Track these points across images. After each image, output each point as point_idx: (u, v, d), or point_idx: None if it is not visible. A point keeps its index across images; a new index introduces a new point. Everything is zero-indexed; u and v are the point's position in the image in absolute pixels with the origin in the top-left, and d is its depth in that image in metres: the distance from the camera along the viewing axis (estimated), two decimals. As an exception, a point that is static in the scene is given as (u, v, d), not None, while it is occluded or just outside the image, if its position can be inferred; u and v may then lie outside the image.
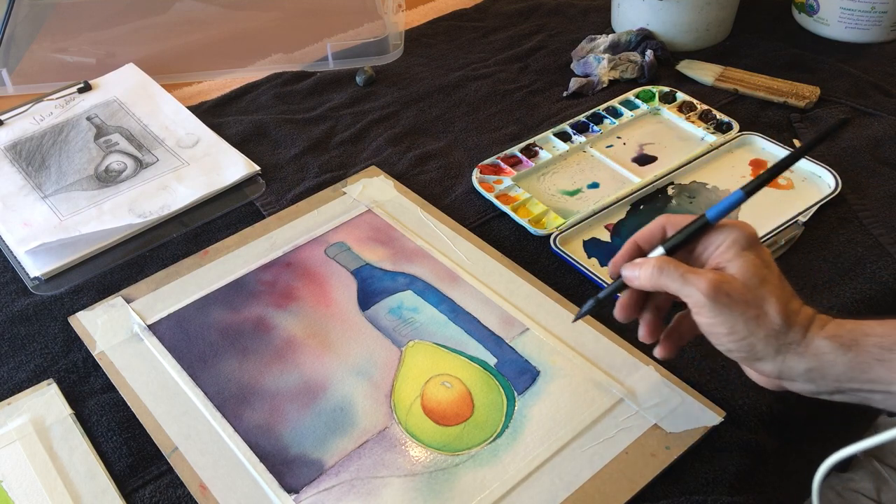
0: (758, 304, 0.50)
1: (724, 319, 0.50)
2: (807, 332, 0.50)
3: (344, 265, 0.72)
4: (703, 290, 0.50)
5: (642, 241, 0.55)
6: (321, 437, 0.58)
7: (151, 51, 1.03)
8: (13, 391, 0.63)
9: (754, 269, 0.51)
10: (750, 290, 0.50)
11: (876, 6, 0.97)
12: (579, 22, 1.09)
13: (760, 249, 0.52)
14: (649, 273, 0.52)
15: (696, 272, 0.51)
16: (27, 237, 0.76)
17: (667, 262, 0.52)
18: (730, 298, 0.49)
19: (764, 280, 0.50)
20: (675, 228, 0.54)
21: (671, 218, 0.55)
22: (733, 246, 0.51)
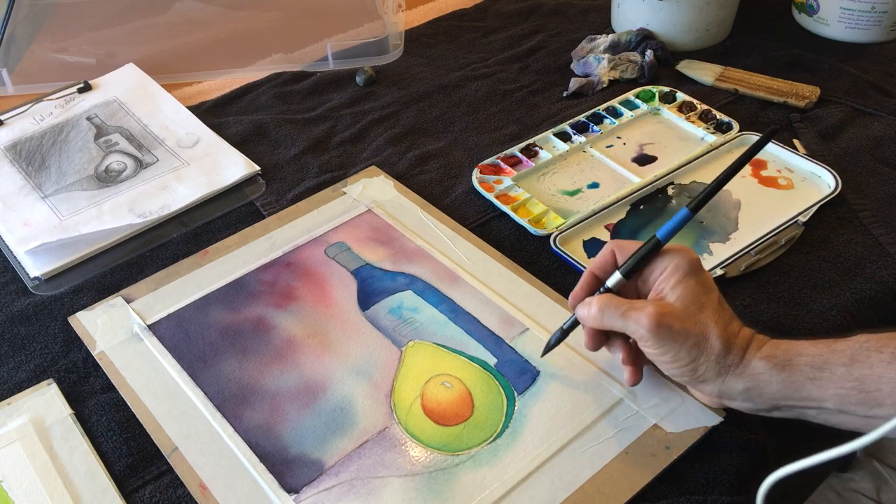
0: (698, 331, 0.53)
1: (668, 349, 0.53)
2: (745, 353, 0.53)
3: (344, 265, 0.72)
4: (644, 325, 0.52)
5: (597, 271, 0.58)
6: (321, 437, 0.58)
7: (151, 51, 1.03)
8: (13, 391, 0.63)
9: (694, 296, 0.53)
10: (690, 318, 0.53)
11: (876, 6, 0.97)
12: (579, 22, 1.09)
13: (702, 274, 0.54)
14: (594, 314, 0.55)
15: (636, 307, 0.53)
16: (27, 237, 0.76)
17: (607, 302, 0.55)
18: (671, 330, 0.52)
19: (703, 306, 0.53)
20: (624, 253, 0.56)
21: (619, 242, 0.57)
22: (675, 272, 0.54)
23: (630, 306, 0.54)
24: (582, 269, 0.70)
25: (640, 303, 0.54)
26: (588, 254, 0.73)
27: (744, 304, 0.67)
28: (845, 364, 0.50)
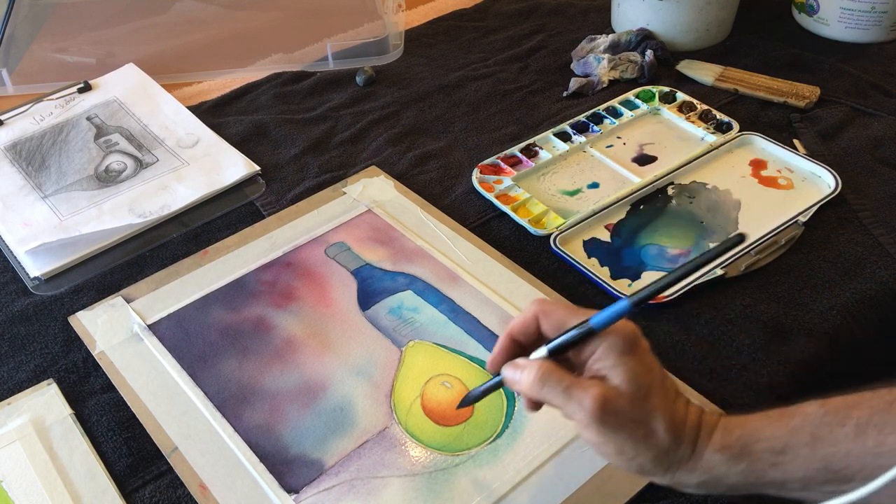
0: (646, 421, 0.47)
1: (612, 439, 0.47)
2: (695, 445, 0.48)
3: (344, 265, 0.72)
4: (589, 409, 0.46)
5: (518, 334, 0.51)
6: (321, 437, 0.58)
7: (151, 51, 1.03)
8: (13, 391, 0.63)
9: (638, 379, 0.47)
10: (637, 406, 0.47)
11: (876, 6, 0.97)
12: (579, 22, 1.09)
13: (640, 351, 0.48)
14: (531, 382, 0.48)
15: (581, 385, 0.47)
16: (27, 237, 0.76)
17: (549, 373, 0.47)
18: (617, 418, 0.46)
19: (649, 391, 0.47)
20: (549, 319, 0.50)
21: (545, 307, 0.50)
22: (610, 352, 0.47)
23: (574, 382, 0.47)
24: (582, 269, 0.70)
25: (585, 380, 0.47)
26: (588, 254, 0.73)
27: (744, 304, 0.67)
28: (808, 444, 0.46)
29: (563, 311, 0.50)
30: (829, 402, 0.47)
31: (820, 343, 0.64)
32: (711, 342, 0.65)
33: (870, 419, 0.45)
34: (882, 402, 0.45)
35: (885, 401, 0.45)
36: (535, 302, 0.50)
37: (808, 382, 0.63)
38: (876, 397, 0.46)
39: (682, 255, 0.72)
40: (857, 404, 0.46)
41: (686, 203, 0.78)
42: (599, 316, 0.47)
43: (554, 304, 0.50)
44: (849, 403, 0.46)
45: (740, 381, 0.61)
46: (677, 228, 0.75)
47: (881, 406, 0.45)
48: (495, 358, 0.51)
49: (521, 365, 0.49)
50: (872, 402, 0.46)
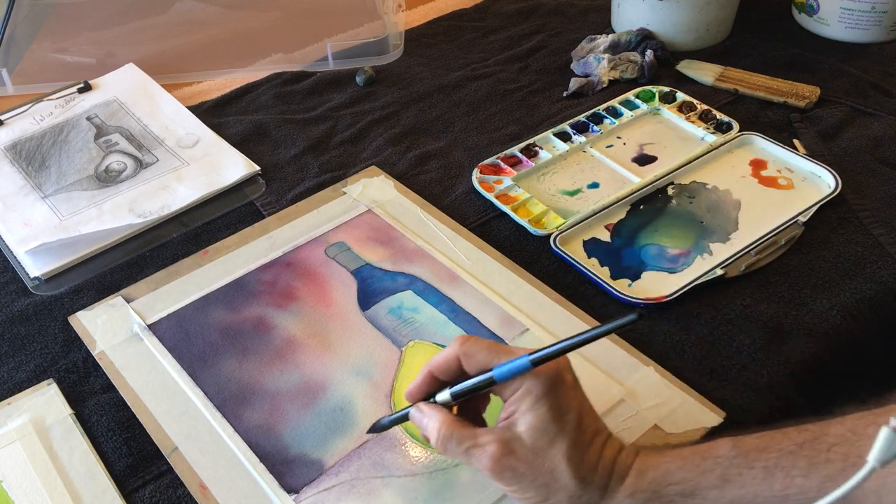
0: (547, 470, 0.47)
1: (516, 489, 0.48)
2: (606, 489, 0.48)
3: (344, 265, 0.72)
4: (486, 467, 0.48)
5: (438, 372, 0.51)
6: (321, 437, 0.58)
7: (151, 51, 1.03)
8: (13, 391, 0.63)
9: (544, 427, 0.47)
10: (538, 456, 0.48)
11: (876, 6, 0.97)
12: (579, 22, 1.09)
13: (558, 395, 0.48)
14: (434, 438, 0.50)
15: (479, 444, 0.48)
16: (27, 237, 0.76)
17: (449, 436, 0.49)
18: (514, 472, 0.48)
19: (554, 439, 0.47)
20: (471, 361, 0.50)
21: (467, 348, 0.50)
22: (527, 396, 0.48)
23: (473, 442, 0.49)
24: (582, 269, 0.70)
25: (484, 436, 0.49)
26: (588, 254, 0.73)
27: (744, 304, 0.67)
28: (716, 486, 0.46)
29: (486, 352, 0.50)
30: (741, 444, 0.48)
31: (820, 343, 0.64)
32: (711, 342, 0.65)
33: (777, 462, 0.46)
34: (791, 445, 0.46)
35: (795, 443, 0.46)
36: (457, 340, 0.51)
37: (808, 382, 0.63)
38: (786, 439, 0.47)
39: (681, 255, 0.72)
40: (768, 447, 0.47)
41: (686, 203, 0.78)
42: (502, 370, 0.48)
43: (477, 344, 0.50)
44: (759, 446, 0.47)
45: (740, 381, 0.61)
46: (677, 228, 0.75)
47: (790, 448, 0.46)
48: (412, 391, 0.53)
49: (427, 413, 0.51)
50: (782, 444, 0.47)
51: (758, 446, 0.47)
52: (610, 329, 0.46)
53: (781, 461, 0.46)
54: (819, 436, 0.46)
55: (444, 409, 0.51)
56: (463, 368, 0.51)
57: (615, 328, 0.46)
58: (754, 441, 0.48)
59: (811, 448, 0.46)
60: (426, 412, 0.51)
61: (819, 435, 0.46)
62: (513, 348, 0.50)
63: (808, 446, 0.46)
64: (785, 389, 0.61)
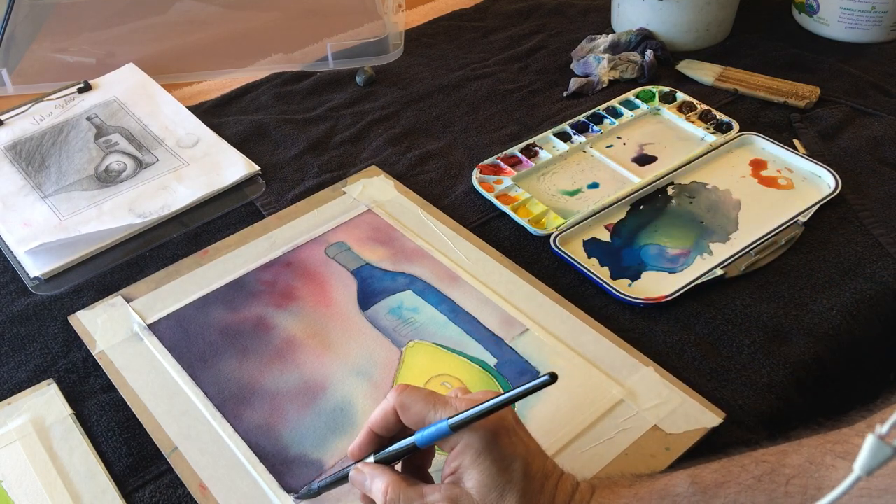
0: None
1: None
2: None
3: (344, 265, 0.72)
4: None
5: (377, 429, 0.49)
6: (321, 437, 0.58)
7: (151, 51, 1.03)
8: (13, 391, 0.63)
9: (491, 482, 0.46)
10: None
11: (876, 6, 0.97)
12: (579, 22, 1.09)
13: (499, 444, 0.46)
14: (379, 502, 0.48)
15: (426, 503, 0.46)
16: (27, 237, 0.76)
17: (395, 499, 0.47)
18: None
19: (503, 492, 0.46)
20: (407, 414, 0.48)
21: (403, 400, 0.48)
22: (467, 451, 0.46)
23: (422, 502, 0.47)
24: (582, 270, 0.70)
25: (432, 494, 0.47)
26: (588, 254, 0.73)
27: (744, 304, 0.67)
28: None
29: (420, 404, 0.48)
30: (699, 479, 0.47)
31: (820, 343, 0.64)
32: (711, 342, 0.65)
33: (736, 498, 0.45)
34: (749, 479, 0.45)
35: (753, 476, 0.45)
36: (394, 391, 0.49)
37: (808, 382, 0.63)
38: (744, 472, 0.46)
39: (682, 255, 0.72)
40: (726, 481, 0.46)
41: (686, 203, 0.78)
42: (423, 434, 0.47)
43: (413, 395, 0.48)
44: (717, 480, 0.46)
45: (740, 381, 0.61)
46: (677, 228, 0.75)
47: (748, 482, 0.45)
48: (353, 451, 0.50)
49: (367, 473, 0.49)
50: (741, 478, 0.46)
51: (716, 481, 0.46)
52: (525, 391, 0.45)
53: (740, 497, 0.45)
54: (777, 468, 0.45)
55: (387, 469, 0.49)
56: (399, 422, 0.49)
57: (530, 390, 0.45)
58: (712, 475, 0.47)
59: (770, 481, 0.45)
60: (368, 473, 0.49)
61: (777, 467, 0.45)
62: (450, 398, 0.48)
63: (767, 479, 0.45)
64: (785, 389, 0.61)
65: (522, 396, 0.45)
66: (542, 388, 0.44)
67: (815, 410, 0.61)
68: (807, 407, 0.62)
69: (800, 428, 0.48)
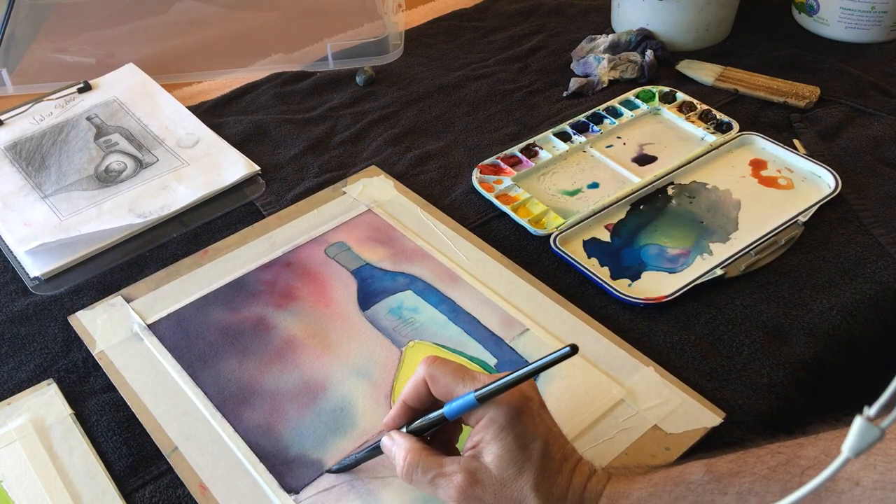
0: (515, 500, 0.47)
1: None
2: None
3: (344, 265, 0.72)
4: (452, 497, 0.47)
5: (410, 401, 0.51)
6: (321, 437, 0.58)
7: (151, 51, 1.03)
8: (13, 391, 0.63)
9: (510, 457, 0.47)
10: (505, 487, 0.47)
11: (876, 6, 0.97)
12: (579, 22, 1.09)
13: (522, 421, 0.47)
14: (401, 473, 0.50)
15: (444, 474, 0.48)
16: (27, 237, 0.76)
17: (415, 464, 0.49)
18: (482, 502, 0.47)
19: (522, 468, 0.47)
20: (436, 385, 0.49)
21: (432, 371, 0.50)
22: (490, 425, 0.47)
23: (439, 471, 0.48)
24: (582, 270, 0.70)
25: (451, 465, 0.48)
26: (588, 254, 0.73)
27: (744, 304, 0.67)
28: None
29: (449, 376, 0.49)
30: (714, 468, 0.47)
31: (820, 343, 0.64)
32: (711, 342, 0.65)
33: (751, 487, 0.45)
34: (765, 469, 0.46)
35: (768, 467, 0.46)
36: (423, 364, 0.50)
37: (808, 382, 0.63)
38: (759, 463, 0.46)
39: (681, 255, 0.72)
40: (741, 471, 0.46)
41: (686, 203, 0.78)
42: (451, 406, 0.48)
43: (442, 367, 0.49)
44: (732, 470, 0.46)
45: (740, 381, 0.61)
46: (677, 228, 0.75)
47: (763, 473, 0.45)
48: (388, 421, 0.52)
49: (397, 442, 0.50)
50: (756, 468, 0.46)
51: (731, 470, 0.46)
52: (547, 363, 0.46)
53: (755, 486, 0.45)
54: (792, 458, 0.46)
55: (412, 438, 0.50)
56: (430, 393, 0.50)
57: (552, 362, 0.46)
58: (727, 465, 0.47)
59: (785, 472, 0.45)
60: (395, 440, 0.50)
61: (792, 458, 0.46)
62: (477, 373, 0.49)
63: (782, 470, 0.45)
64: (785, 389, 0.61)
65: (544, 368, 0.46)
66: (563, 359, 0.46)
67: (815, 410, 0.61)
68: (807, 407, 0.62)
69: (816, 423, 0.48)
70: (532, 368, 0.47)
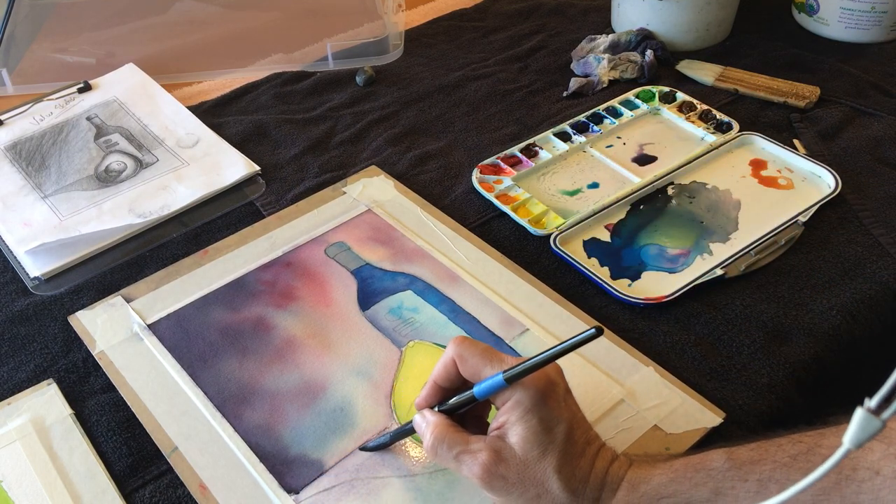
0: (538, 481, 0.47)
1: (505, 499, 0.48)
2: (597, 502, 0.48)
3: (344, 265, 0.72)
4: (476, 474, 0.48)
5: (440, 381, 0.52)
6: (321, 437, 0.58)
7: (151, 51, 1.03)
8: (13, 391, 0.63)
9: (535, 439, 0.47)
10: (528, 468, 0.47)
11: (876, 6, 0.97)
12: (579, 22, 1.09)
13: (547, 405, 0.48)
14: (427, 447, 0.50)
15: (471, 450, 0.48)
16: (27, 237, 0.76)
17: (441, 439, 0.49)
18: (505, 482, 0.47)
19: (546, 450, 0.47)
20: (465, 365, 0.50)
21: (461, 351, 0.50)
22: (516, 407, 0.48)
23: (464, 448, 0.49)
24: (582, 270, 0.70)
25: (476, 443, 0.49)
26: (588, 254, 0.73)
27: (744, 304, 0.67)
28: (709, 499, 0.46)
29: (479, 357, 0.50)
30: (735, 455, 0.47)
31: (820, 343, 0.64)
32: (711, 342, 0.65)
33: (771, 475, 0.45)
34: (786, 457, 0.46)
35: (789, 455, 0.46)
36: (452, 343, 0.51)
37: (808, 382, 0.63)
38: (780, 451, 0.46)
39: (681, 255, 0.72)
40: (762, 459, 0.46)
41: (686, 203, 0.78)
42: (480, 387, 0.49)
43: (470, 348, 0.50)
44: (754, 458, 0.47)
45: (740, 381, 0.61)
46: (677, 228, 0.75)
47: (784, 461, 0.46)
48: (420, 401, 0.53)
49: (427, 420, 0.51)
50: (776, 456, 0.46)
51: (751, 458, 0.47)
52: (573, 345, 0.47)
53: (775, 474, 0.45)
54: (813, 447, 0.46)
55: (440, 415, 0.51)
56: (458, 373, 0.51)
57: (577, 343, 0.47)
58: (748, 453, 0.47)
59: (806, 460, 0.45)
60: (426, 417, 0.51)
61: (813, 447, 0.46)
62: (504, 355, 0.50)
63: (803, 458, 0.45)
64: (785, 389, 0.61)
65: (570, 350, 0.47)
66: (588, 341, 0.46)
67: (815, 410, 0.61)
68: (807, 407, 0.62)
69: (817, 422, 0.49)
70: (559, 350, 0.47)
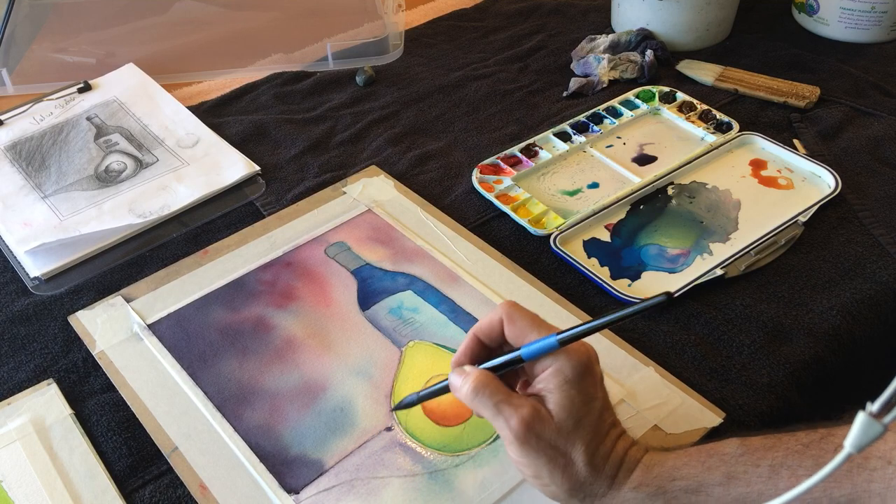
0: (567, 451, 0.48)
1: (531, 462, 0.48)
2: (613, 481, 0.49)
3: (344, 265, 0.72)
4: (513, 428, 0.47)
5: (482, 335, 0.52)
6: (321, 437, 0.58)
7: (151, 51, 1.03)
8: (13, 391, 0.63)
9: (572, 408, 0.48)
10: (562, 435, 0.48)
11: (876, 6, 0.97)
12: (579, 22, 1.09)
13: (586, 381, 0.49)
14: (466, 391, 0.50)
15: (511, 403, 0.48)
16: (27, 237, 0.76)
17: (484, 385, 0.49)
18: (539, 441, 0.47)
19: (579, 422, 0.48)
20: (513, 326, 0.50)
21: (511, 312, 0.51)
22: (556, 375, 0.48)
23: (505, 398, 0.48)
24: (582, 270, 0.70)
25: (518, 398, 0.49)
26: (588, 254, 0.73)
27: (744, 304, 0.67)
28: (722, 483, 0.47)
29: (527, 321, 0.50)
30: (748, 442, 0.48)
31: (820, 343, 0.64)
32: (711, 342, 0.65)
33: (783, 461, 0.46)
34: (798, 445, 0.47)
35: (802, 443, 0.47)
36: (503, 304, 0.51)
37: (808, 382, 0.63)
38: (793, 440, 0.47)
39: (681, 255, 0.72)
40: (775, 446, 0.47)
41: (686, 203, 0.78)
42: (529, 348, 0.49)
43: (520, 311, 0.51)
44: (767, 445, 0.47)
45: (740, 381, 0.62)
46: (677, 228, 0.75)
47: (797, 448, 0.46)
48: (458, 358, 0.53)
49: (466, 372, 0.50)
50: (789, 444, 0.47)
51: (765, 445, 0.47)
52: (637, 310, 0.47)
53: (787, 460, 0.46)
54: (826, 436, 0.47)
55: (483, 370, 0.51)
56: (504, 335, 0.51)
57: (642, 309, 0.46)
58: (761, 440, 0.48)
59: (818, 448, 0.46)
60: (464, 371, 0.51)
61: (826, 435, 0.47)
62: (550, 325, 0.50)
63: (815, 446, 0.46)
64: (785, 389, 0.61)
65: (635, 314, 0.47)
66: (657, 307, 0.45)
67: (815, 410, 0.61)
68: (807, 407, 0.62)
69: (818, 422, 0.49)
70: (620, 315, 0.47)
